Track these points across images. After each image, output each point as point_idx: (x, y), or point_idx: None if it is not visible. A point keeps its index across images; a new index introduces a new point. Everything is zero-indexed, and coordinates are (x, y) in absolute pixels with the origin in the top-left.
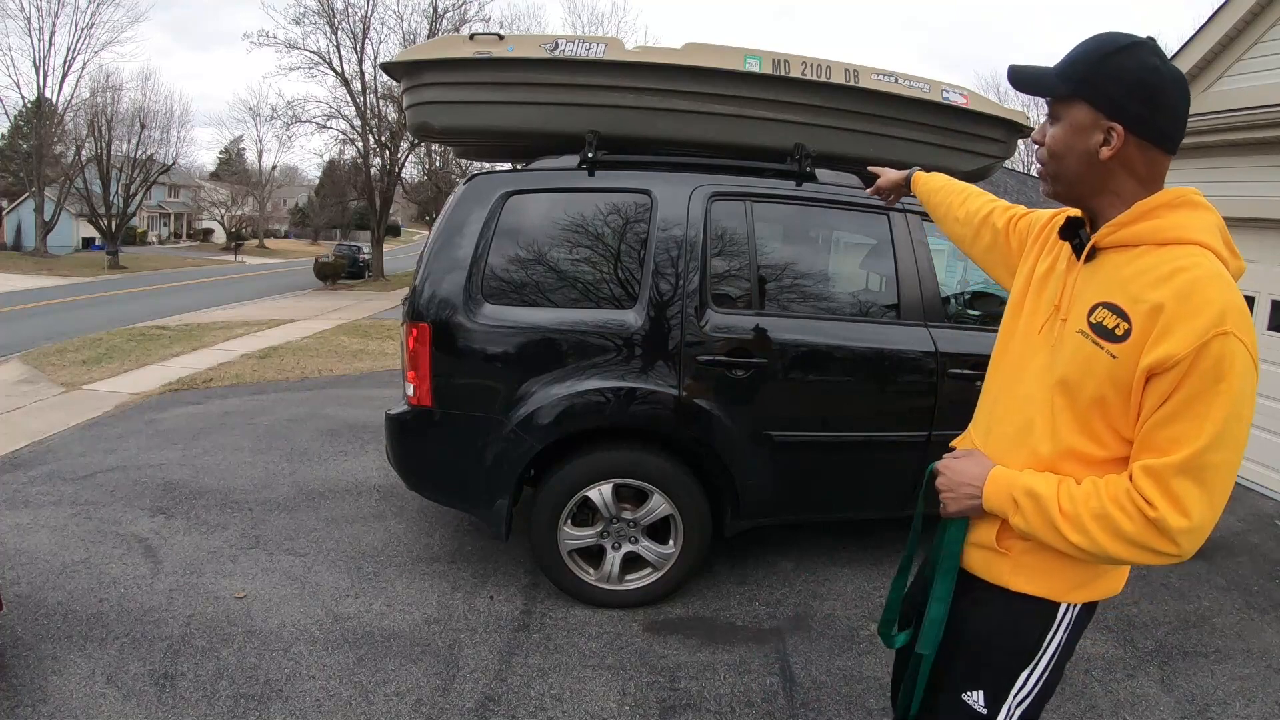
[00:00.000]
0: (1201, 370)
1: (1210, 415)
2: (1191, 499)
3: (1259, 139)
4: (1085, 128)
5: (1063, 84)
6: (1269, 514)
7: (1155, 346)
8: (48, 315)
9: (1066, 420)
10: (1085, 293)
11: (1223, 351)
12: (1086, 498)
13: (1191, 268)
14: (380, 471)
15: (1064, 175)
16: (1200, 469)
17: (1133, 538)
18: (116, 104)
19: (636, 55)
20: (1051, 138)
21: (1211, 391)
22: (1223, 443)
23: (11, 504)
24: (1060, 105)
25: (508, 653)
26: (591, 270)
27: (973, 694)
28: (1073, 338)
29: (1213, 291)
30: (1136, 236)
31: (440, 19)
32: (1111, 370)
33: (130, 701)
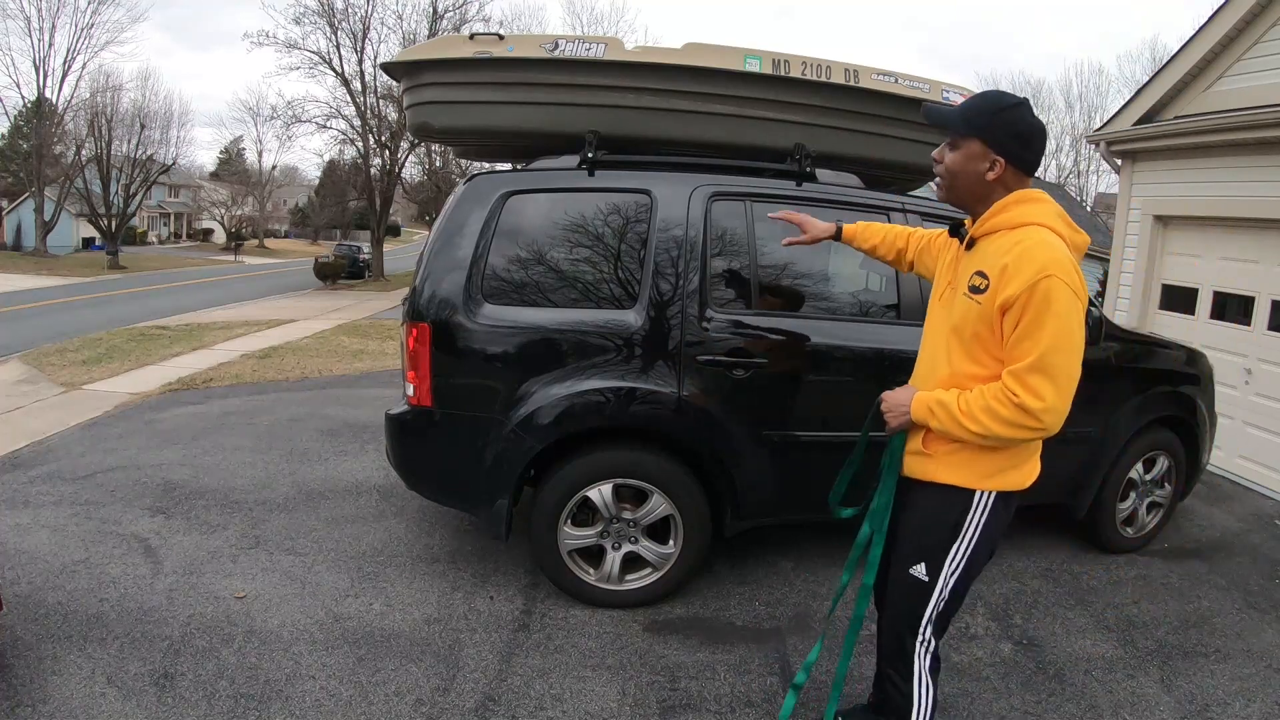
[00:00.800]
0: (1035, 302)
1: (1045, 329)
2: (1043, 387)
3: (1259, 139)
4: (976, 156)
5: (965, 126)
6: (1269, 514)
7: (1002, 291)
8: (48, 315)
9: (958, 353)
10: (968, 269)
11: (1048, 288)
12: (976, 398)
13: (1025, 239)
14: (380, 471)
15: (956, 187)
16: (1044, 366)
17: (1009, 419)
18: (116, 104)
19: (636, 55)
20: (950, 160)
21: (1044, 315)
22: (1057, 347)
23: (11, 504)
24: (961, 139)
25: (508, 653)
26: (591, 270)
27: (917, 567)
28: (960, 299)
29: (1038, 251)
30: (996, 225)
31: (440, 19)
32: (980, 313)
33: (130, 701)
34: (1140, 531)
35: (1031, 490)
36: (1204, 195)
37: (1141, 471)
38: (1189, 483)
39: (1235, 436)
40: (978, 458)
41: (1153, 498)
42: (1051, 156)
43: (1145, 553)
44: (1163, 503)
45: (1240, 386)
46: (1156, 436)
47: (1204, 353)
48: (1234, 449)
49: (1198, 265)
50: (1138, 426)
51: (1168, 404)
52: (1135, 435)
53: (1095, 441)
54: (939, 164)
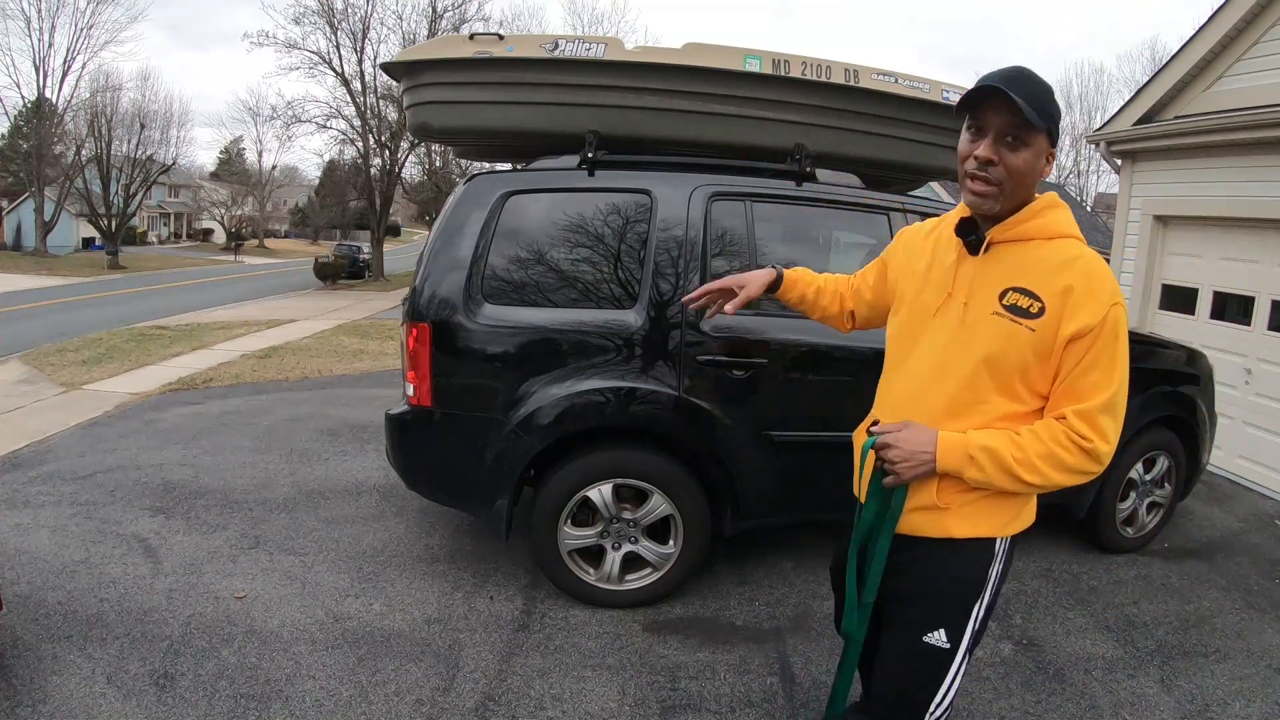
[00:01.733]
0: (1107, 334)
1: (1117, 365)
2: (1110, 428)
3: (1259, 139)
4: (1042, 154)
5: (1041, 118)
6: (1269, 514)
7: (1073, 319)
8: (48, 315)
9: (989, 386)
10: (986, 279)
11: (1118, 317)
12: (1032, 443)
13: (1082, 255)
14: (380, 471)
15: (1016, 193)
16: (1115, 405)
17: (1075, 466)
18: (116, 104)
19: (636, 55)
20: (1022, 160)
21: (1114, 348)
22: (1125, 384)
23: (11, 504)
24: (1031, 134)
25: (508, 653)
26: (591, 270)
27: (934, 634)
28: (987, 320)
29: (1103, 272)
30: (1028, 233)
31: (440, 19)
32: (1033, 341)
33: (130, 701)
34: (1140, 531)
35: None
36: (1204, 195)
37: (1141, 471)
38: (1189, 483)
39: (1235, 436)
40: (1000, 505)
41: (1153, 498)
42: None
43: (1145, 553)
44: (1163, 503)
45: (1240, 386)
46: (1156, 436)
47: (1204, 353)
48: (1234, 449)
49: (1198, 265)
50: (1138, 427)
51: (1168, 404)
52: (1135, 435)
53: None
54: (994, 165)
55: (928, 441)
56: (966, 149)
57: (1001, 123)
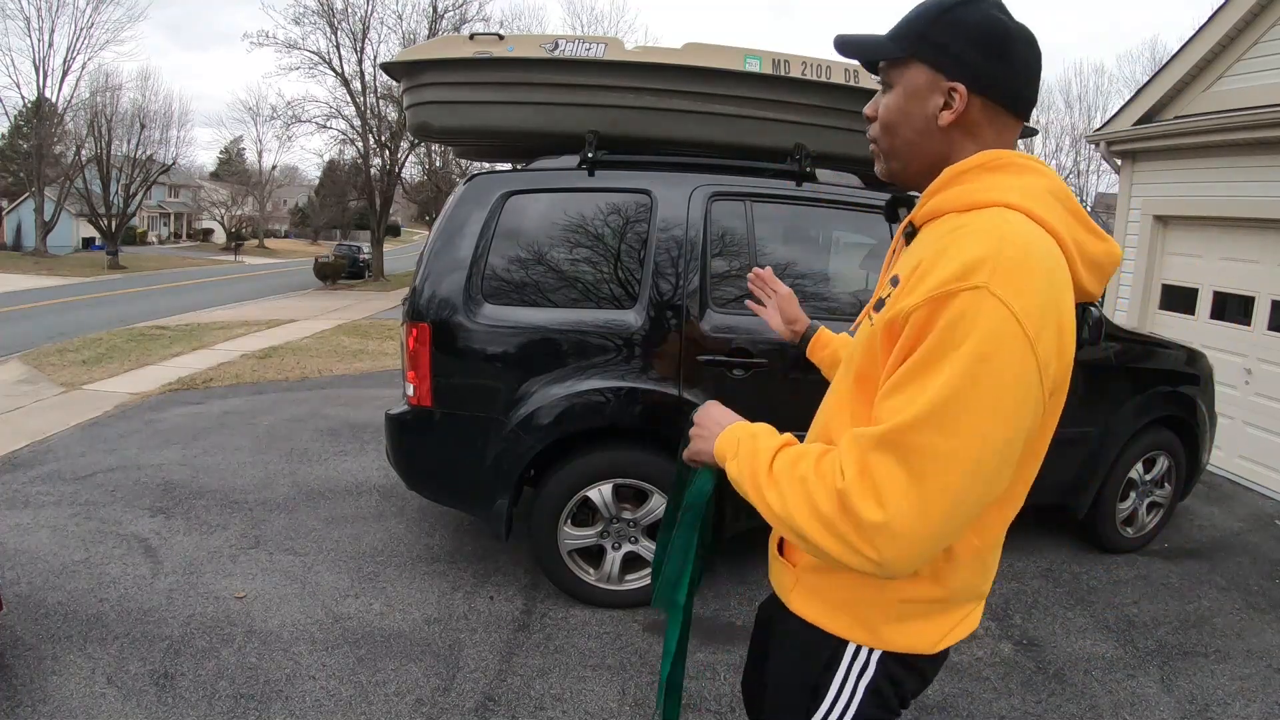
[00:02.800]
0: (938, 330)
1: (935, 376)
2: (890, 483)
3: (1259, 139)
4: (922, 91)
5: (895, 45)
6: (1269, 514)
7: (899, 299)
8: (48, 315)
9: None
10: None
11: (965, 309)
12: (798, 459)
13: (970, 223)
14: (380, 471)
15: (899, 150)
16: (905, 447)
17: (827, 515)
18: (116, 104)
19: (636, 55)
20: (884, 108)
21: (941, 357)
22: (939, 422)
23: (11, 504)
24: (895, 70)
25: (508, 653)
26: (592, 270)
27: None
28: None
29: (977, 241)
30: (939, 206)
31: (440, 19)
32: (869, 337)
33: (130, 701)
34: (1140, 531)
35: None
36: (1204, 195)
37: (1141, 471)
38: (1189, 483)
39: (1235, 436)
40: (855, 590)
41: (1153, 498)
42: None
43: (1145, 553)
44: (1163, 503)
45: (1240, 386)
46: (1156, 436)
47: (1204, 353)
48: (1234, 449)
49: (1198, 265)
50: (1138, 426)
51: (1168, 404)
52: (1135, 435)
53: (1095, 441)
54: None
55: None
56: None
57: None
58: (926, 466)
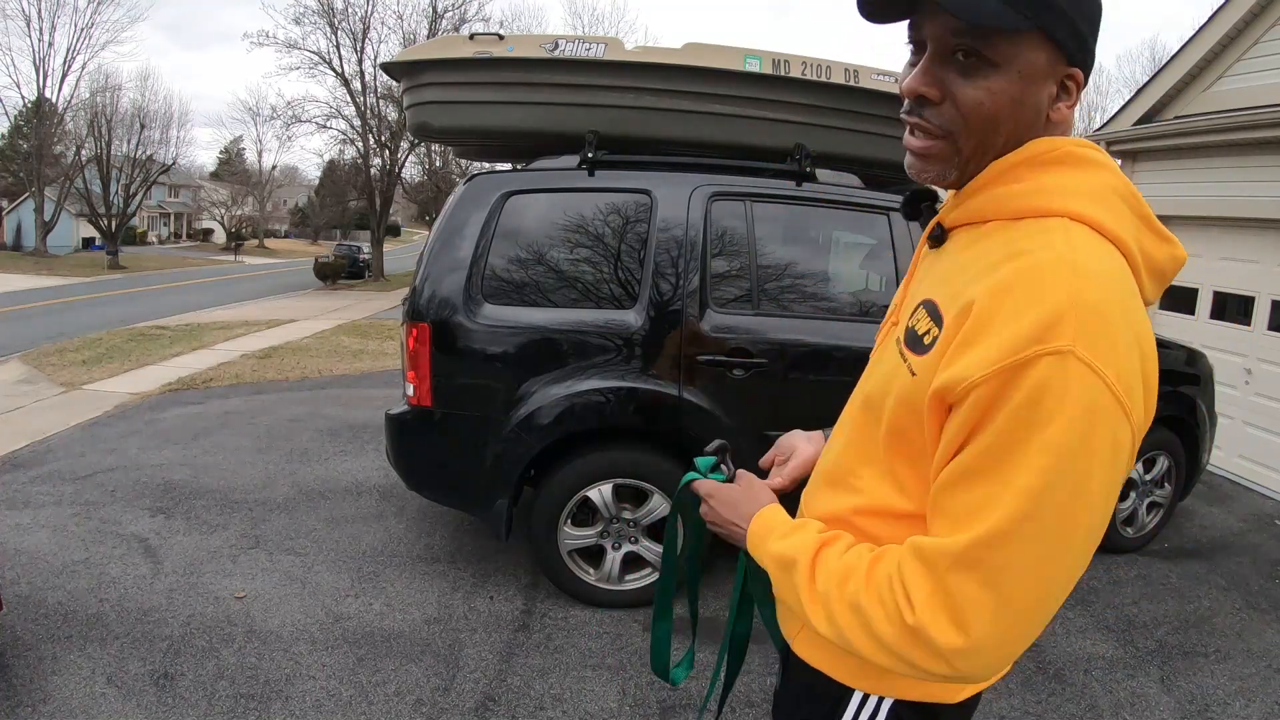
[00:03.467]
0: (1014, 408)
1: (1013, 480)
2: (975, 608)
3: (1259, 139)
4: (1041, 75)
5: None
6: (1269, 514)
7: (953, 361)
8: (48, 315)
9: (860, 450)
10: (919, 289)
11: (1047, 380)
12: (845, 576)
13: (1037, 249)
14: (380, 471)
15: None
16: (991, 566)
17: (891, 645)
18: (116, 104)
19: (636, 55)
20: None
21: (1024, 444)
22: (1030, 532)
23: (11, 504)
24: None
25: (508, 653)
26: (591, 270)
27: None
28: (889, 348)
29: (1050, 283)
30: (983, 209)
31: (440, 19)
32: (908, 392)
33: (130, 701)
34: (1140, 531)
35: None
36: (1204, 195)
37: (1141, 471)
38: (1189, 483)
39: (1235, 436)
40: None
41: (1153, 498)
42: None
43: (1145, 553)
44: (1163, 503)
45: (1240, 386)
46: (1156, 436)
47: (1204, 353)
48: (1234, 449)
49: (1198, 265)
50: None
51: (1167, 404)
52: None
53: None
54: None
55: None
56: (902, 78)
57: (941, 28)
58: (1016, 583)
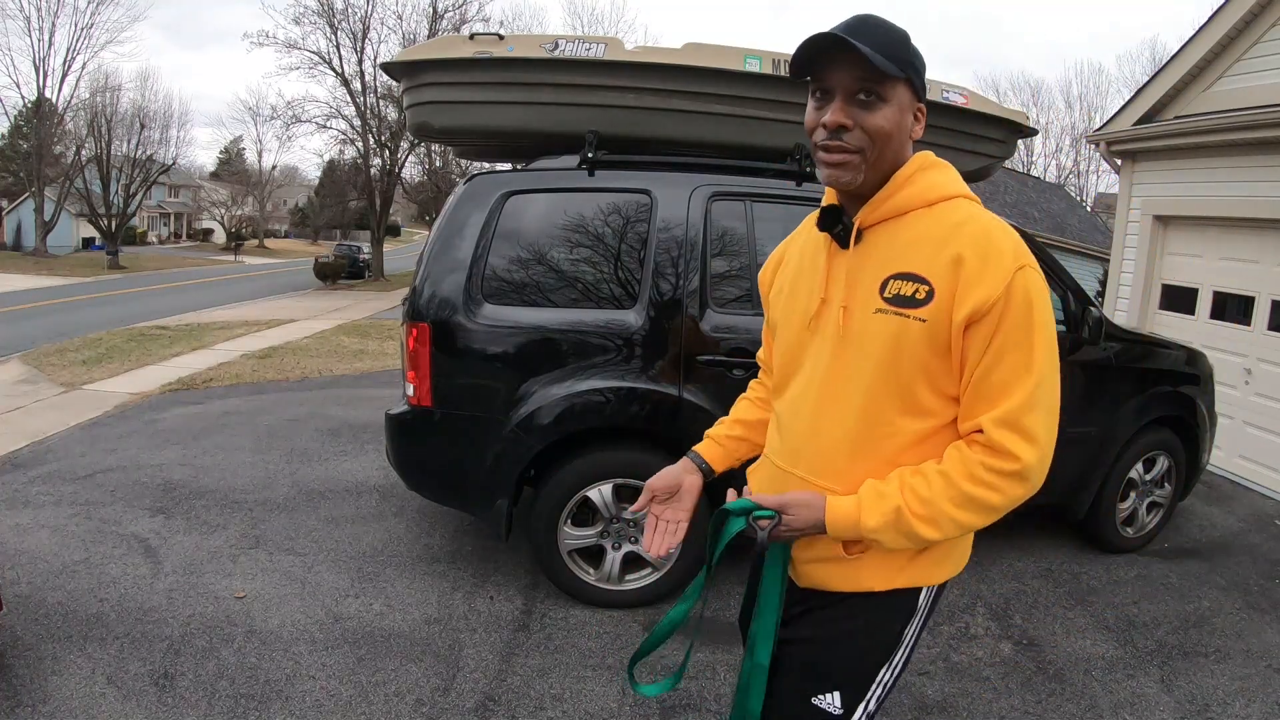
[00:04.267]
0: (1016, 308)
1: (1036, 346)
2: (1040, 428)
3: (1259, 139)
4: (908, 109)
5: (899, 66)
6: (1269, 514)
7: (967, 296)
8: (48, 315)
9: (890, 407)
10: (864, 275)
11: (1027, 284)
12: (938, 489)
13: (973, 217)
14: (380, 471)
15: (885, 160)
16: (1041, 398)
17: (999, 505)
18: (116, 104)
19: (636, 55)
20: (884, 119)
21: (1029, 324)
22: (1050, 365)
23: (11, 504)
24: (888, 86)
25: (508, 653)
26: (591, 270)
27: (825, 697)
28: (872, 321)
29: (999, 233)
30: (903, 204)
31: (440, 19)
32: (926, 334)
33: (130, 701)
34: (1140, 531)
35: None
36: (1204, 195)
37: (1141, 471)
38: (1189, 483)
39: (1235, 436)
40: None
41: (1153, 498)
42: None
43: (1145, 553)
44: (1163, 503)
45: (1240, 386)
46: (1156, 436)
47: (1204, 353)
48: (1234, 449)
49: (1198, 265)
50: (1138, 426)
51: (1168, 404)
52: (1135, 435)
53: (1095, 441)
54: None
55: (814, 510)
56: (813, 118)
57: (850, 79)
58: (1050, 401)
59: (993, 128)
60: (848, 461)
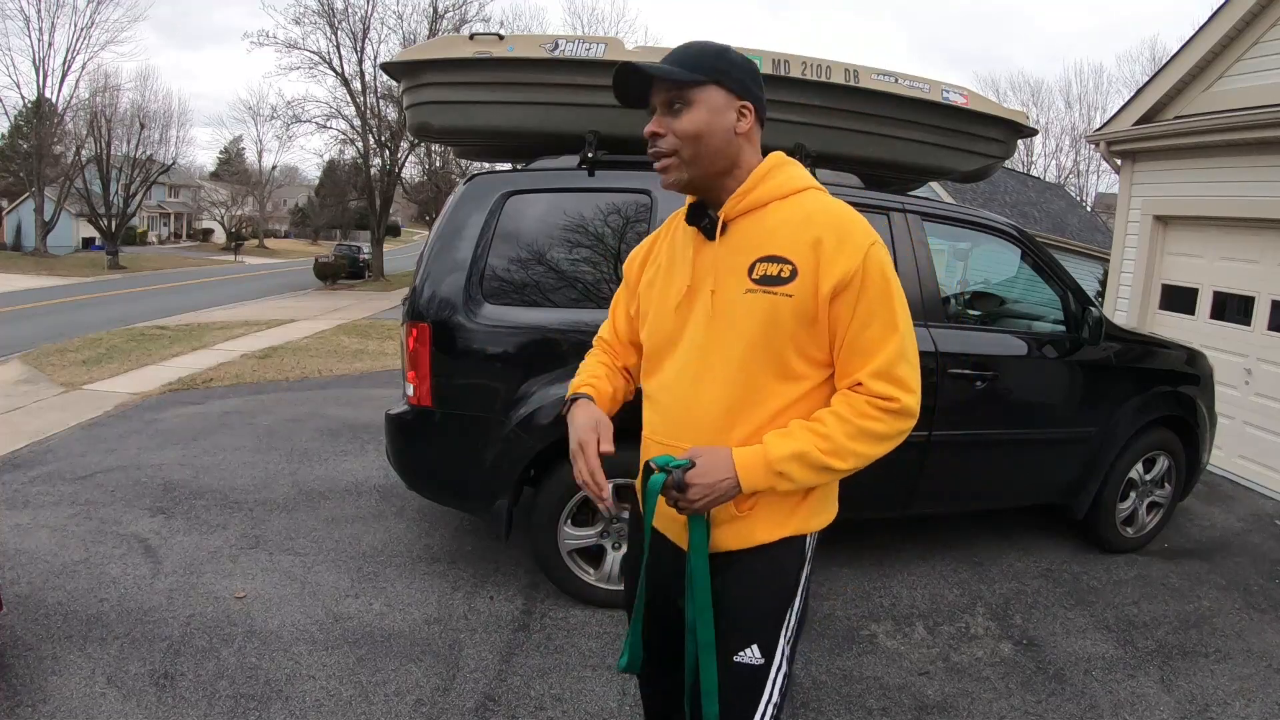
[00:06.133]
0: (874, 277)
1: (895, 308)
2: (911, 376)
3: (1259, 139)
4: (722, 108)
5: (694, 73)
6: (1269, 514)
7: (830, 271)
8: (48, 315)
9: (764, 374)
10: (731, 260)
11: (879, 256)
12: (836, 427)
13: (826, 205)
14: (380, 471)
15: (703, 156)
16: (907, 351)
17: (886, 434)
18: (116, 104)
19: (637, 55)
20: (690, 121)
21: (886, 290)
22: (908, 323)
23: (11, 504)
24: (690, 92)
25: (508, 653)
26: (592, 270)
27: (745, 652)
28: (742, 301)
29: (851, 216)
30: (762, 198)
31: (440, 19)
32: (794, 308)
33: (130, 701)
34: (1140, 531)
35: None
36: (1204, 195)
37: (1141, 471)
38: (1189, 483)
39: (1235, 436)
40: (805, 497)
41: (1153, 498)
42: (1051, 157)
43: (1145, 553)
44: (1163, 503)
45: (1240, 386)
46: (1156, 436)
47: (1204, 353)
48: (1234, 449)
49: (1198, 265)
50: (1138, 426)
51: (1168, 404)
52: (1135, 435)
53: (1095, 441)
54: (662, 136)
55: (724, 468)
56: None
57: (661, 95)
58: (913, 354)
59: (993, 128)
60: (727, 427)
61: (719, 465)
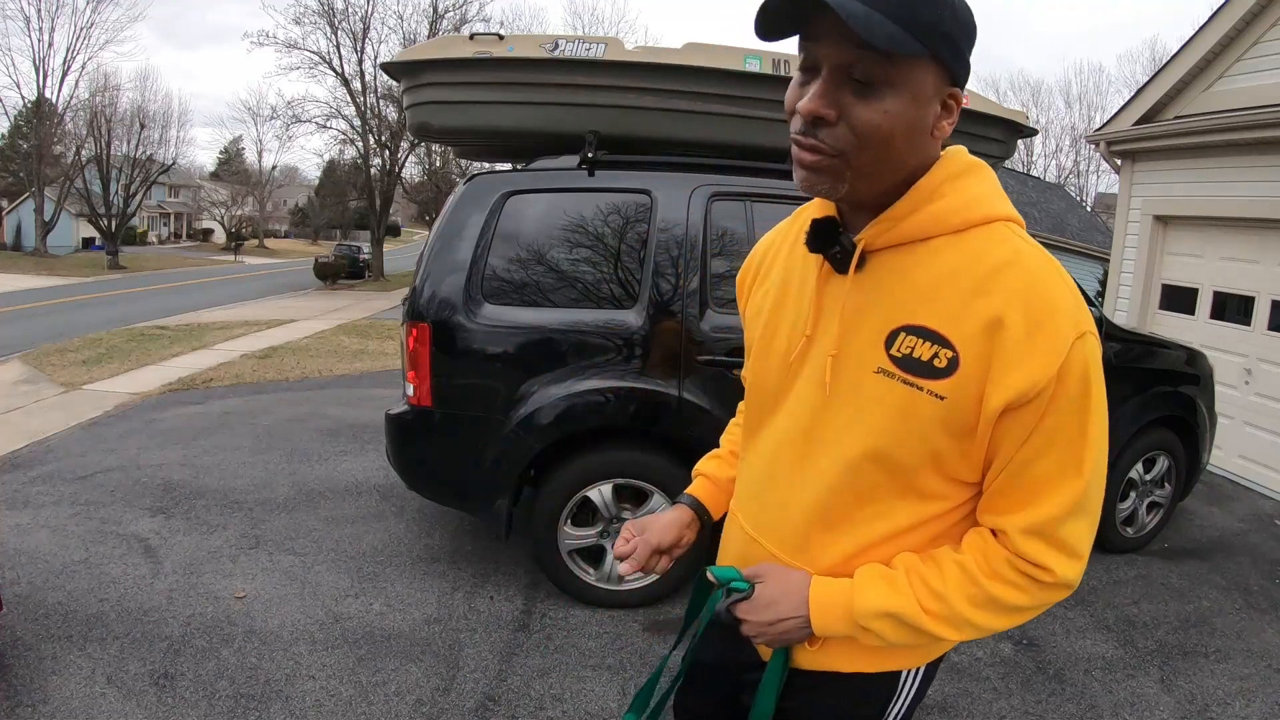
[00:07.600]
0: (1069, 389)
1: (1089, 439)
2: (1082, 538)
3: (1259, 139)
4: (928, 97)
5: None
6: (1269, 514)
7: (1008, 376)
8: (48, 315)
9: (882, 487)
10: (865, 316)
11: (1085, 356)
12: (955, 584)
13: (1018, 258)
14: (380, 471)
15: (884, 166)
16: (1087, 502)
17: (1025, 607)
18: (116, 104)
19: (636, 55)
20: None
21: (1083, 408)
22: (1101, 465)
23: (11, 504)
24: (895, 68)
25: (508, 653)
26: (591, 270)
27: None
28: (870, 381)
29: (1055, 283)
30: (926, 227)
31: (440, 19)
32: (941, 414)
33: (130, 701)
34: (1140, 531)
35: None
36: (1204, 195)
37: (1141, 471)
38: (1189, 483)
39: (1235, 436)
40: None
41: (1153, 498)
42: (1051, 157)
43: (1145, 553)
44: (1163, 503)
45: (1240, 386)
46: (1156, 436)
47: (1204, 353)
48: (1234, 449)
49: (1198, 265)
50: (1138, 426)
51: (1168, 404)
52: (1135, 435)
53: None
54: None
55: (792, 604)
56: (791, 98)
57: (839, 52)
58: (1095, 505)
59: (992, 128)
60: (824, 541)
61: (785, 599)
